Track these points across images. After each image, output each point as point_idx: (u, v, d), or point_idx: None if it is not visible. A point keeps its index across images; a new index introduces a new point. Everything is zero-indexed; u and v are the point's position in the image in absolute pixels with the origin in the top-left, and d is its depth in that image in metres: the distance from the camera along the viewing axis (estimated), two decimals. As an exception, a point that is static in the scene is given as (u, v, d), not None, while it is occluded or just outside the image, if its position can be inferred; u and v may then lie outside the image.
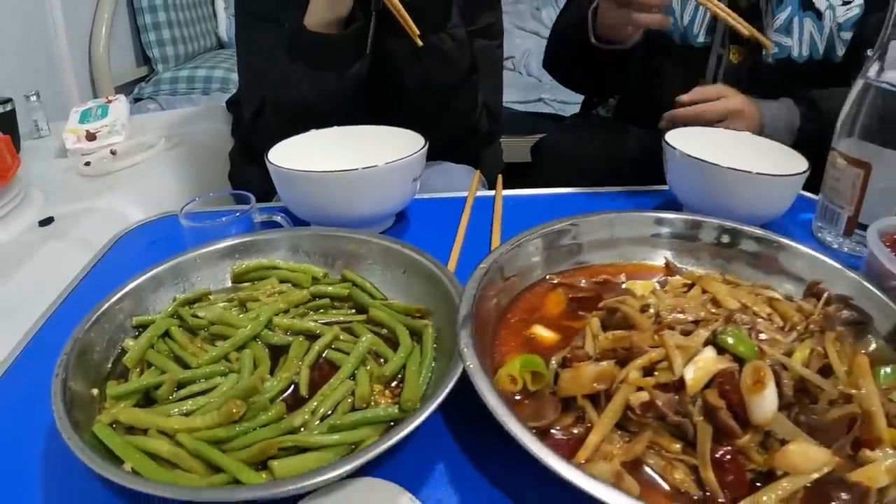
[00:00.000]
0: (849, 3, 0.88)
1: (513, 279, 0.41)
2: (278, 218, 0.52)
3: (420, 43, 0.69)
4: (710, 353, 0.32)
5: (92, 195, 0.81)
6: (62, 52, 1.58)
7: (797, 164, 0.60)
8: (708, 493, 0.30)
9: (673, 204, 0.62)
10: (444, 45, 0.76)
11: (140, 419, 0.33)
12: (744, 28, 0.74)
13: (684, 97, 0.74)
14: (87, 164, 0.92)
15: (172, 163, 0.92)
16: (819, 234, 0.61)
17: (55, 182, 0.88)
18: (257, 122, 0.81)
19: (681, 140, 0.61)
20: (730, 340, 0.33)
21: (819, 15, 0.90)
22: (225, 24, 2.18)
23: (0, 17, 1.39)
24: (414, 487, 0.30)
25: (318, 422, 0.32)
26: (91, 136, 1.05)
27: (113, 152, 0.96)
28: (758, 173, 0.56)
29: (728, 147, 0.65)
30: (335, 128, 0.61)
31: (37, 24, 1.52)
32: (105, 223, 0.72)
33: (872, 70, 0.54)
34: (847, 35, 0.89)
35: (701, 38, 0.91)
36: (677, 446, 0.30)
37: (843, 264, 0.45)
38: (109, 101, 1.16)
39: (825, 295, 0.41)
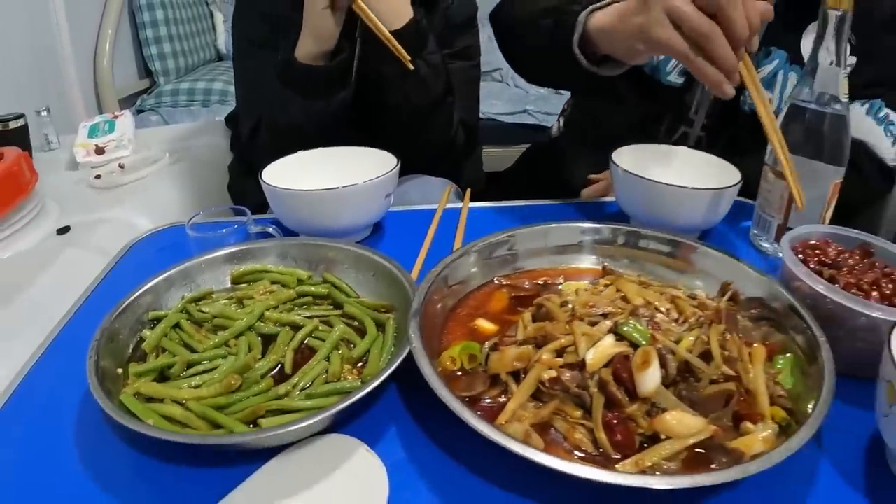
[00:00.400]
0: None
1: (460, 282, 0.50)
2: (270, 229, 0.61)
3: (412, 67, 0.77)
4: (609, 339, 0.41)
5: (104, 206, 0.91)
6: (68, 66, 1.68)
7: (731, 177, 0.68)
8: (601, 451, 0.38)
9: (621, 215, 0.71)
10: (420, 71, 0.84)
11: (157, 391, 0.42)
12: None
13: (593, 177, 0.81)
14: (98, 177, 1.01)
15: (176, 176, 1.01)
16: (755, 241, 0.69)
17: (69, 193, 0.98)
18: (254, 139, 0.90)
19: (626, 157, 0.70)
20: (627, 329, 0.42)
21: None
22: (224, 38, 2.28)
23: (10, 35, 1.48)
24: (371, 442, 0.39)
25: (298, 392, 0.41)
26: (100, 150, 1.14)
27: (121, 166, 1.05)
28: (692, 188, 0.65)
29: (670, 162, 0.73)
30: (320, 149, 0.70)
31: (44, 41, 1.62)
32: (117, 232, 0.81)
33: (800, 93, 0.62)
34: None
35: (672, 78, 0.90)
36: (578, 413, 0.39)
37: (754, 268, 0.54)
38: (116, 117, 1.26)
39: (729, 292, 0.51)
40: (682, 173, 0.70)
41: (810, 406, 0.39)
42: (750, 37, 0.56)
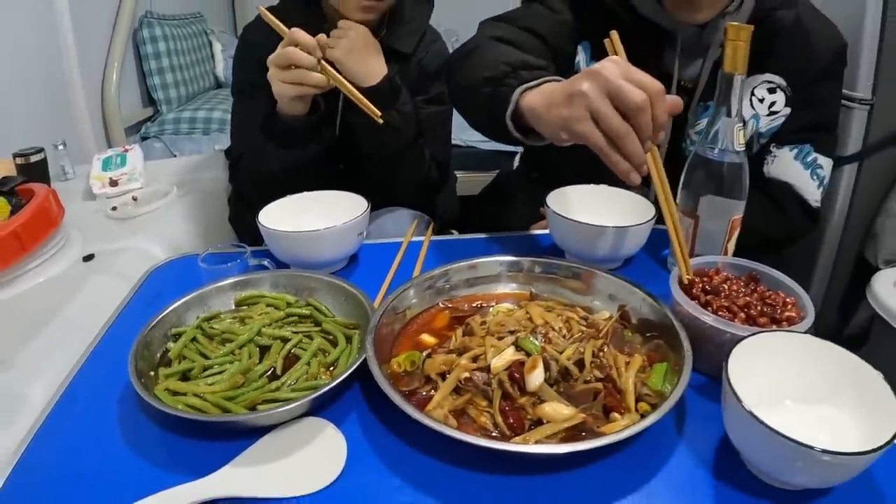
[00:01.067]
0: (774, 114, 1.01)
1: (408, 307, 0.68)
2: (265, 262, 0.78)
3: (381, 121, 0.88)
4: (511, 350, 0.58)
5: (122, 236, 1.07)
6: (78, 97, 1.85)
7: (647, 213, 0.84)
8: (499, 430, 0.55)
9: (557, 247, 0.87)
10: (393, 121, 0.99)
11: (181, 387, 0.58)
12: None
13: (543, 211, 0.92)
14: (114, 208, 1.18)
15: (184, 209, 1.18)
16: (670, 267, 0.83)
17: (89, 223, 1.14)
18: (236, 169, 1.06)
19: (558, 198, 0.87)
20: (524, 343, 0.58)
21: (743, 123, 1.07)
22: (222, 66, 2.46)
23: (26, 70, 1.65)
24: (336, 423, 0.56)
25: (285, 388, 0.58)
26: (114, 183, 1.31)
27: (134, 199, 1.22)
28: (609, 226, 0.81)
29: (598, 201, 0.88)
30: (306, 193, 0.87)
31: (56, 74, 1.79)
32: (135, 259, 0.97)
33: (703, 143, 0.75)
34: (764, 140, 1.02)
35: None
36: (484, 403, 0.56)
37: (649, 294, 0.68)
38: (126, 150, 1.43)
39: (619, 312, 0.67)
40: (607, 211, 0.87)
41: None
42: (656, 133, 0.64)
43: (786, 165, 1.02)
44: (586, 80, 0.64)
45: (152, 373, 0.62)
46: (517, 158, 1.27)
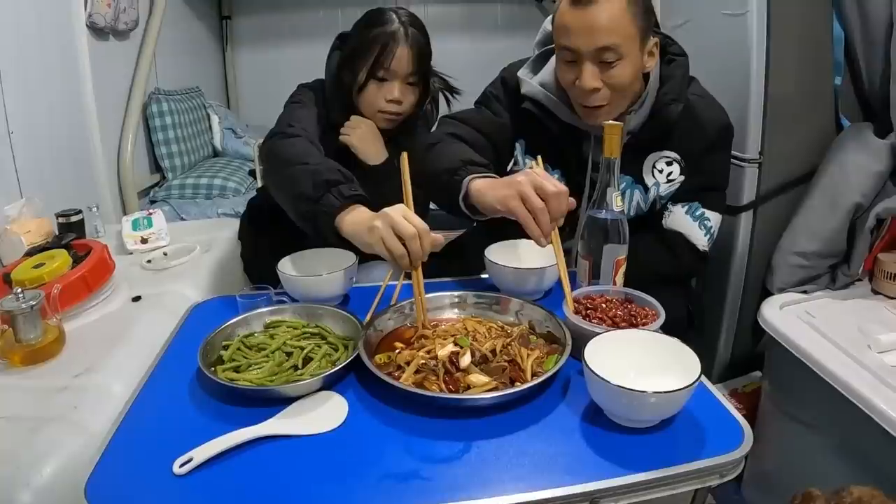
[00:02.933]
0: (672, 181, 1.38)
1: (384, 326, 1.04)
2: (285, 298, 1.15)
3: None
4: (451, 345, 0.94)
5: (160, 283, 1.43)
6: (100, 165, 2.19)
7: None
8: (442, 392, 0.90)
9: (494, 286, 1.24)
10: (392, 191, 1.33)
11: (235, 376, 0.93)
12: None
13: None
14: (149, 261, 1.54)
15: (207, 262, 1.55)
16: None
17: (130, 273, 1.49)
18: (270, 141, 1.33)
19: (497, 250, 1.24)
20: (459, 340, 0.95)
21: (646, 189, 1.39)
22: (219, 136, 2.86)
23: (58, 146, 2.01)
24: (341, 393, 0.91)
25: (307, 375, 0.93)
26: (144, 241, 1.68)
27: (165, 254, 1.58)
28: (524, 268, 1.19)
29: (528, 252, 1.25)
30: (315, 249, 1.23)
31: (81, 146, 2.14)
32: (177, 300, 1.32)
33: (590, 208, 1.13)
34: (664, 201, 1.39)
35: None
36: (434, 378, 0.91)
37: (551, 312, 1.06)
38: (151, 214, 1.79)
39: (527, 324, 1.04)
40: (531, 259, 1.24)
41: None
42: (559, 218, 1.04)
43: (679, 219, 1.42)
44: (521, 175, 1.05)
45: (212, 369, 0.96)
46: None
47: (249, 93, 3.63)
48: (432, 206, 2.35)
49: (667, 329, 0.96)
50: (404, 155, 1.10)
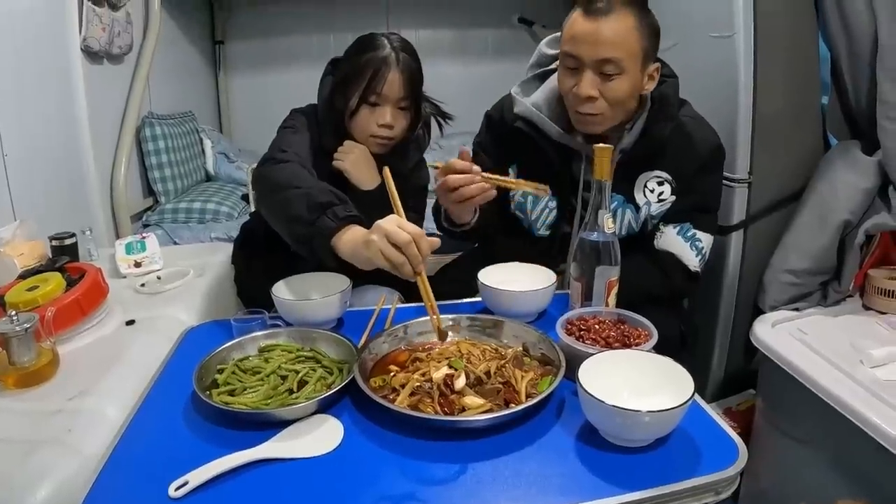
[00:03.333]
0: (663, 201, 1.40)
1: (378, 350, 1.05)
2: (279, 322, 1.15)
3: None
4: (445, 368, 0.95)
5: (154, 307, 1.43)
6: (93, 189, 2.21)
7: (550, 280, 1.24)
8: (438, 415, 0.91)
9: (488, 309, 1.25)
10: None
11: (230, 399, 0.94)
12: None
13: None
14: (143, 285, 1.54)
15: (200, 286, 1.55)
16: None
17: (123, 297, 1.49)
18: (262, 167, 1.34)
19: (490, 272, 1.26)
20: (454, 363, 0.96)
21: (637, 208, 1.41)
22: (212, 160, 2.88)
23: (53, 169, 2.02)
24: (336, 415, 0.92)
25: (301, 399, 0.94)
26: (137, 264, 1.68)
27: (158, 277, 1.58)
28: (518, 291, 1.20)
29: (520, 274, 1.28)
30: (307, 274, 1.24)
31: (75, 169, 2.15)
32: (170, 324, 1.33)
33: (585, 228, 1.14)
34: (655, 221, 1.41)
35: (542, 232, 1.47)
36: (429, 400, 0.92)
37: (544, 335, 1.07)
38: (144, 237, 1.79)
39: (521, 346, 1.05)
40: (525, 281, 1.26)
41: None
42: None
43: (671, 239, 1.44)
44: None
45: (207, 392, 0.97)
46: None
47: (242, 117, 3.67)
48: (428, 227, 2.42)
49: (659, 349, 0.98)
50: (386, 169, 1.13)
